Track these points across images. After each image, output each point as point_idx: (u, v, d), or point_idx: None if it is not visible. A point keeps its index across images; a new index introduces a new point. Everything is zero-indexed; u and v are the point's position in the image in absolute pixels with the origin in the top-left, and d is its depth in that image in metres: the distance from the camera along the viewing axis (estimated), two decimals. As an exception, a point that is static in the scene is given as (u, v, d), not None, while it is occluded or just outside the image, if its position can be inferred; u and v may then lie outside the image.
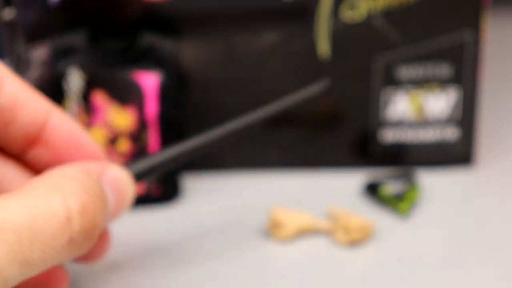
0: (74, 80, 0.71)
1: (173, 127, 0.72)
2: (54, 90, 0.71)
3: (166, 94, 0.71)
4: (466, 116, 0.76)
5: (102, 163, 0.28)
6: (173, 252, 0.65)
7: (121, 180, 0.29)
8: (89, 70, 0.71)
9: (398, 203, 0.69)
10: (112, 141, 0.71)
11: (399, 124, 0.76)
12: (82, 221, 0.23)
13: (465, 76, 0.74)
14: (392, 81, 0.74)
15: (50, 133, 0.31)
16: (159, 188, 0.72)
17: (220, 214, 0.71)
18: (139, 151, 0.72)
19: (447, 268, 0.62)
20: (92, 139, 0.31)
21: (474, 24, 0.72)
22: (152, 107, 0.71)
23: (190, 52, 0.74)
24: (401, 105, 0.75)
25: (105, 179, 0.28)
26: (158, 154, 0.30)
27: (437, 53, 0.74)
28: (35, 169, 0.31)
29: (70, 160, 0.31)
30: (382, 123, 0.75)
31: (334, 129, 0.76)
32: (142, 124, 0.71)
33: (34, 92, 0.39)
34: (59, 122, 0.31)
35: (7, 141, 0.32)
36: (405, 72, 0.74)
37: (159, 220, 0.70)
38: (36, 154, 0.30)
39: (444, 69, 0.74)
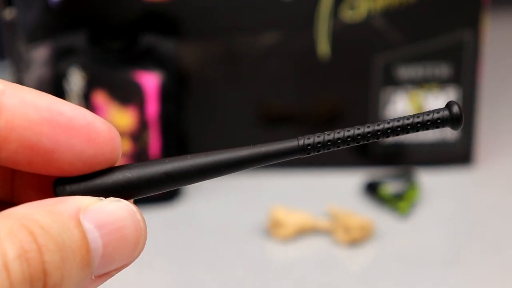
0: (75, 80, 0.71)
1: (173, 126, 0.72)
2: (55, 90, 0.71)
3: (166, 94, 0.71)
4: (465, 116, 0.76)
5: (86, 200, 0.21)
6: (173, 252, 0.65)
7: (115, 219, 0.21)
8: (89, 70, 0.71)
9: (397, 202, 0.69)
10: (113, 141, 0.71)
11: (398, 124, 0.76)
12: (22, 268, 0.18)
13: (464, 76, 0.75)
14: (392, 81, 0.74)
15: (7, 122, 0.20)
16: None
17: (220, 214, 0.71)
18: (139, 150, 0.72)
19: (446, 267, 0.62)
20: (94, 119, 0.22)
21: (473, 24, 0.72)
22: (152, 107, 0.71)
23: (190, 52, 0.74)
24: (400, 105, 0.75)
25: (88, 217, 0.20)
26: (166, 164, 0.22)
27: (436, 53, 0.74)
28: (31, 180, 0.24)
29: (69, 154, 0.21)
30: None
31: (334, 129, 0.76)
32: (142, 124, 0.71)
33: None
34: (19, 103, 0.20)
35: None
36: (405, 72, 0.74)
37: (159, 220, 0.70)
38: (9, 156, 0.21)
39: (443, 69, 0.74)
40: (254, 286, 0.60)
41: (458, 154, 0.76)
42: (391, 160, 0.77)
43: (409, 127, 0.22)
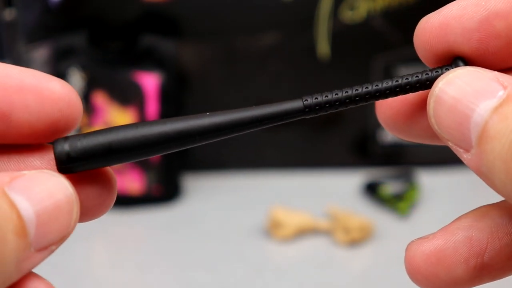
0: (75, 80, 0.71)
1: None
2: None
3: (166, 95, 0.71)
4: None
5: (7, 174, 0.20)
6: (173, 251, 0.65)
7: (43, 188, 0.20)
8: (89, 70, 0.71)
9: (397, 203, 0.69)
10: (113, 141, 0.71)
11: (398, 124, 0.76)
12: None
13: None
14: (392, 81, 0.74)
15: None
16: (160, 188, 0.72)
17: (220, 214, 0.71)
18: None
19: (446, 268, 0.62)
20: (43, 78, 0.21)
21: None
22: (152, 107, 0.71)
23: (190, 52, 0.74)
24: (400, 105, 0.75)
25: (13, 188, 0.20)
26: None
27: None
28: None
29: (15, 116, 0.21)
30: (382, 123, 0.75)
31: (334, 129, 0.76)
32: (142, 124, 0.71)
33: None
34: None
35: None
36: (405, 72, 0.74)
37: (159, 220, 0.70)
38: None
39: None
40: (254, 286, 0.60)
41: (458, 154, 0.76)
42: (391, 160, 0.77)
43: (418, 84, 0.22)
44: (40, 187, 0.20)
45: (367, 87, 0.22)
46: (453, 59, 0.22)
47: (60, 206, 0.21)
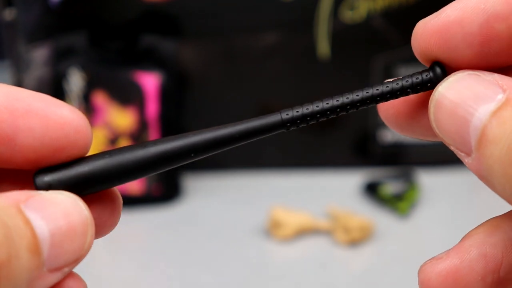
0: (75, 80, 0.71)
1: (173, 126, 0.72)
2: (54, 91, 0.71)
3: (166, 94, 0.71)
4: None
5: (24, 192, 0.20)
6: (173, 251, 0.65)
7: (59, 208, 0.20)
8: (89, 70, 0.71)
9: (397, 202, 0.70)
10: (113, 141, 0.71)
11: (398, 124, 0.76)
12: None
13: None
14: (392, 81, 0.74)
15: None
16: (160, 188, 0.72)
17: (220, 214, 0.71)
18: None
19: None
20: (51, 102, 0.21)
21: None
22: (152, 107, 0.71)
23: (190, 52, 0.74)
24: (400, 105, 0.75)
25: (29, 206, 0.20)
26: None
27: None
28: None
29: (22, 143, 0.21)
30: (382, 124, 0.75)
31: (334, 129, 0.76)
32: (142, 124, 0.71)
33: None
34: None
35: None
36: (405, 72, 0.74)
37: (159, 220, 0.70)
38: None
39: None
40: (254, 286, 0.60)
41: (458, 154, 0.76)
42: (391, 160, 0.77)
43: (398, 92, 0.22)
44: (55, 207, 0.20)
45: (347, 97, 0.22)
46: (432, 64, 0.22)
47: (74, 227, 0.20)
